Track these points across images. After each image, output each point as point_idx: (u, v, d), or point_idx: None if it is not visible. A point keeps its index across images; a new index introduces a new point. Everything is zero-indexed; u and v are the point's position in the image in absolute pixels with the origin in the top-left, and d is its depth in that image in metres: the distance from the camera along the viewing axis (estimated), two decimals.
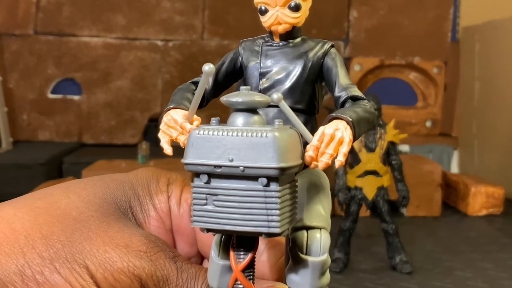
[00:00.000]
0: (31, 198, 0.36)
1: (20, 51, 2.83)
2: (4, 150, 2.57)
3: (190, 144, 0.31)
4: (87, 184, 0.38)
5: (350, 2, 2.92)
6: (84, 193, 0.36)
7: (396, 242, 1.54)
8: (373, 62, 2.97)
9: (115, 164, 2.13)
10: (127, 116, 2.87)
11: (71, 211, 0.35)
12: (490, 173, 2.49)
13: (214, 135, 0.30)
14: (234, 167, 0.30)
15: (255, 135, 0.29)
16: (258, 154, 0.29)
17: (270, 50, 0.37)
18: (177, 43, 2.87)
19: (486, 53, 2.63)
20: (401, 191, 1.54)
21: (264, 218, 0.29)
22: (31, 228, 0.33)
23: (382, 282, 1.48)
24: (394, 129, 1.55)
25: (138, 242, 0.34)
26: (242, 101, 0.31)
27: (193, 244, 0.40)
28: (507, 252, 1.72)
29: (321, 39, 0.38)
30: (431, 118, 3.00)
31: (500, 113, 2.50)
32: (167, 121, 0.34)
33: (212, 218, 0.30)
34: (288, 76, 0.36)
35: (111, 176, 0.40)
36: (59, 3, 2.83)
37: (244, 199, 0.30)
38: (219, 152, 0.30)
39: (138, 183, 0.39)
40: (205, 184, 0.30)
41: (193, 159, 0.31)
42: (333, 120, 0.32)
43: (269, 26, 0.36)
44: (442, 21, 2.96)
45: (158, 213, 0.39)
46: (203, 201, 0.30)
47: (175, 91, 0.37)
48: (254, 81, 0.37)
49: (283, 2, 0.35)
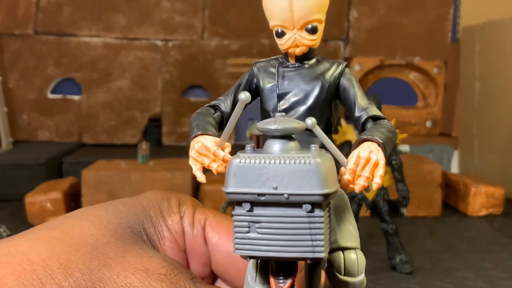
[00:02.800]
0: (45, 229, 0.36)
1: (20, 51, 2.83)
2: (4, 150, 2.57)
3: (231, 173, 0.30)
4: (99, 211, 0.37)
5: (350, 2, 2.92)
6: (97, 220, 0.36)
7: (396, 242, 1.54)
8: (373, 62, 2.97)
9: (115, 164, 2.13)
10: (127, 116, 2.86)
11: (87, 238, 0.35)
12: (490, 173, 2.49)
13: (256, 164, 0.30)
14: (278, 194, 0.30)
15: (298, 162, 0.29)
16: (302, 181, 0.29)
17: (287, 71, 0.37)
18: (177, 43, 2.87)
19: (486, 53, 2.63)
20: (401, 191, 1.53)
21: (309, 244, 0.30)
22: (48, 259, 0.33)
23: (382, 282, 1.48)
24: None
25: (157, 265, 0.34)
26: (280, 129, 0.31)
27: (206, 264, 0.40)
28: (507, 252, 1.71)
29: (335, 60, 0.38)
30: (431, 118, 3.00)
31: (500, 113, 2.50)
32: (198, 148, 0.33)
33: (256, 246, 0.31)
34: (307, 97, 0.37)
35: (121, 200, 0.40)
36: (59, 3, 2.83)
37: (288, 226, 0.30)
38: (262, 180, 0.30)
39: (149, 205, 0.39)
40: (248, 212, 0.31)
41: (236, 188, 0.30)
42: (364, 142, 0.33)
43: (287, 49, 0.37)
44: (442, 21, 2.96)
45: (172, 234, 0.39)
46: (246, 229, 0.31)
47: (194, 115, 0.36)
48: (272, 103, 0.37)
49: (301, 25, 0.36)
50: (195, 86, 2.89)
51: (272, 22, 0.37)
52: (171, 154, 2.40)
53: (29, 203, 1.92)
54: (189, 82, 2.87)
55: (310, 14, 0.36)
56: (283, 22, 0.36)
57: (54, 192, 1.95)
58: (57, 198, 1.93)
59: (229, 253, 0.39)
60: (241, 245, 0.31)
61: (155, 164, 2.15)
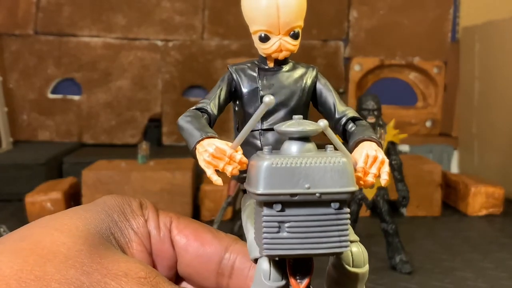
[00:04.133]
0: (11, 241, 0.34)
1: (20, 51, 2.83)
2: (4, 150, 2.57)
3: (262, 175, 0.31)
4: (63, 219, 0.36)
5: (350, 2, 2.92)
6: (65, 228, 0.35)
7: (396, 242, 1.54)
8: (373, 62, 2.97)
9: (115, 164, 2.13)
10: (127, 116, 2.87)
11: (59, 248, 0.33)
12: (490, 173, 2.49)
13: (288, 165, 0.31)
14: (310, 194, 0.31)
15: (328, 162, 0.31)
16: (333, 180, 0.31)
17: (268, 75, 0.39)
18: (177, 43, 2.87)
19: (486, 53, 2.63)
20: (401, 191, 1.54)
21: (337, 239, 0.32)
22: (21, 271, 0.31)
23: (382, 282, 1.48)
24: (394, 129, 1.55)
25: (136, 269, 0.33)
26: (300, 131, 0.32)
27: (172, 267, 0.40)
28: (507, 252, 1.72)
29: (308, 64, 0.40)
30: (431, 118, 3.00)
31: (500, 113, 2.50)
32: (214, 151, 0.33)
33: (286, 245, 0.31)
34: (289, 99, 0.38)
35: (81, 207, 0.39)
36: (59, 3, 2.83)
37: (318, 223, 0.31)
38: (295, 180, 0.31)
39: (112, 209, 0.39)
40: (278, 213, 0.31)
41: (269, 189, 0.31)
42: (363, 142, 0.35)
43: (272, 53, 0.38)
44: (442, 21, 2.96)
45: (139, 237, 0.39)
46: (276, 229, 0.31)
47: (186, 118, 0.36)
48: (255, 106, 0.38)
49: (286, 31, 0.37)
50: (195, 86, 2.89)
51: (256, 27, 0.37)
52: (171, 154, 2.40)
53: (29, 203, 1.93)
54: (189, 82, 2.87)
55: (294, 21, 0.37)
56: (269, 27, 0.37)
57: (54, 192, 1.95)
58: (57, 198, 1.93)
59: (198, 254, 0.39)
60: (271, 245, 0.31)
61: (155, 164, 2.15)
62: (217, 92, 0.38)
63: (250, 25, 0.38)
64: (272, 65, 0.39)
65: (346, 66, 2.97)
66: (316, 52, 2.88)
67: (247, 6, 0.37)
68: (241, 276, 0.39)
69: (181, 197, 2.03)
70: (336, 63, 2.95)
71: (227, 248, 0.39)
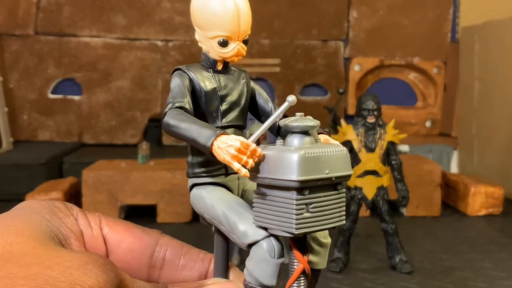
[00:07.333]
0: None
1: (20, 51, 2.83)
2: (4, 150, 2.57)
3: (297, 164, 0.36)
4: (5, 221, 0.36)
5: (350, 2, 2.92)
6: (12, 229, 0.35)
7: (396, 242, 1.54)
8: (373, 62, 2.97)
9: (115, 164, 2.13)
10: (127, 116, 2.87)
11: (12, 247, 0.33)
12: (489, 173, 2.49)
13: (316, 154, 0.36)
14: (328, 178, 0.37)
15: (338, 150, 0.37)
16: (341, 165, 0.37)
17: (221, 76, 0.42)
18: (177, 43, 2.87)
19: (486, 53, 2.63)
20: (401, 191, 1.54)
21: (339, 215, 0.38)
22: None
23: (382, 282, 1.48)
24: (394, 129, 1.55)
25: (94, 257, 0.34)
26: (304, 125, 0.37)
27: None
28: (507, 252, 1.72)
29: (238, 67, 0.44)
30: (431, 118, 3.01)
31: (500, 113, 2.50)
32: (240, 146, 0.36)
33: (309, 223, 0.36)
34: (240, 98, 0.42)
35: (13, 212, 0.39)
36: (59, 3, 2.83)
37: (329, 203, 0.37)
38: (319, 167, 0.36)
39: (42, 211, 0.39)
40: (307, 196, 0.36)
41: (304, 176, 0.36)
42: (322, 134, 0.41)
43: (230, 57, 0.41)
44: (442, 21, 2.96)
45: (75, 234, 0.39)
46: (303, 211, 0.36)
47: (181, 117, 0.38)
48: (215, 105, 0.42)
49: (242, 37, 0.41)
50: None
51: (217, 32, 0.40)
52: (171, 154, 2.40)
53: None
54: None
55: (248, 28, 0.41)
56: (231, 33, 0.40)
57: (54, 192, 1.95)
58: (57, 198, 1.94)
59: (131, 248, 0.40)
60: (300, 225, 0.36)
61: (155, 164, 2.15)
62: (186, 92, 0.40)
63: (207, 30, 0.40)
64: (221, 68, 0.42)
65: (346, 66, 2.97)
66: (316, 52, 2.88)
67: (209, 12, 0.40)
68: (171, 267, 0.40)
69: (181, 197, 2.03)
70: (336, 63, 2.95)
71: (156, 241, 0.40)
